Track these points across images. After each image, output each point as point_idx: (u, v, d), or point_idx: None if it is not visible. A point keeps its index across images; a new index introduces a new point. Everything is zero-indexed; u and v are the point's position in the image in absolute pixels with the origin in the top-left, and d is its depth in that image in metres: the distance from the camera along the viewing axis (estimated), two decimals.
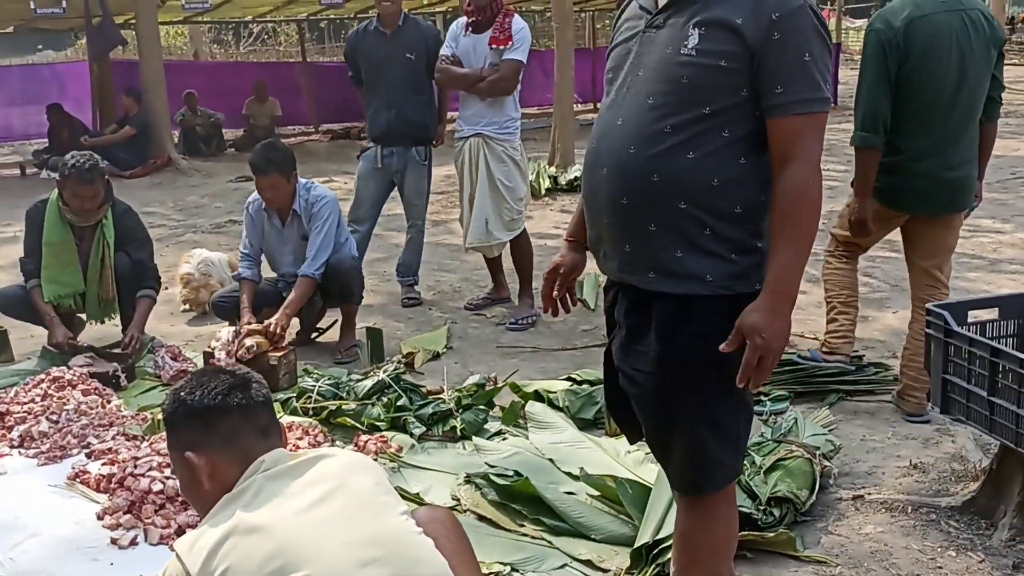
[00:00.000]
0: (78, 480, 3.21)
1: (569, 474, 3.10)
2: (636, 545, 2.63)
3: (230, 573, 1.61)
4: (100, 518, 2.95)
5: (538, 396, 3.76)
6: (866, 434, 3.51)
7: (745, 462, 2.75)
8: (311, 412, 3.69)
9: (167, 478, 3.03)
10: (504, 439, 3.47)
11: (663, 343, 1.95)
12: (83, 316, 4.69)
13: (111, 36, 12.71)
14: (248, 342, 4.07)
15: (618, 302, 2.08)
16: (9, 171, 11.99)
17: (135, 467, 3.11)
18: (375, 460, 3.00)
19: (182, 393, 1.86)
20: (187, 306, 5.41)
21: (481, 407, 3.65)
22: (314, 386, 3.83)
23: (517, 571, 2.62)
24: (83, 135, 11.71)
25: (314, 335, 4.87)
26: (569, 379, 3.91)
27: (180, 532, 2.83)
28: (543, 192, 8.74)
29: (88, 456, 3.39)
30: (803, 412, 3.50)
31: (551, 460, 3.20)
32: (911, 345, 3.61)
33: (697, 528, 2.08)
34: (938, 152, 3.48)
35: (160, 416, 3.57)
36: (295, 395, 3.84)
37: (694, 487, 2.04)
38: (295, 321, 4.67)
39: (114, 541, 2.83)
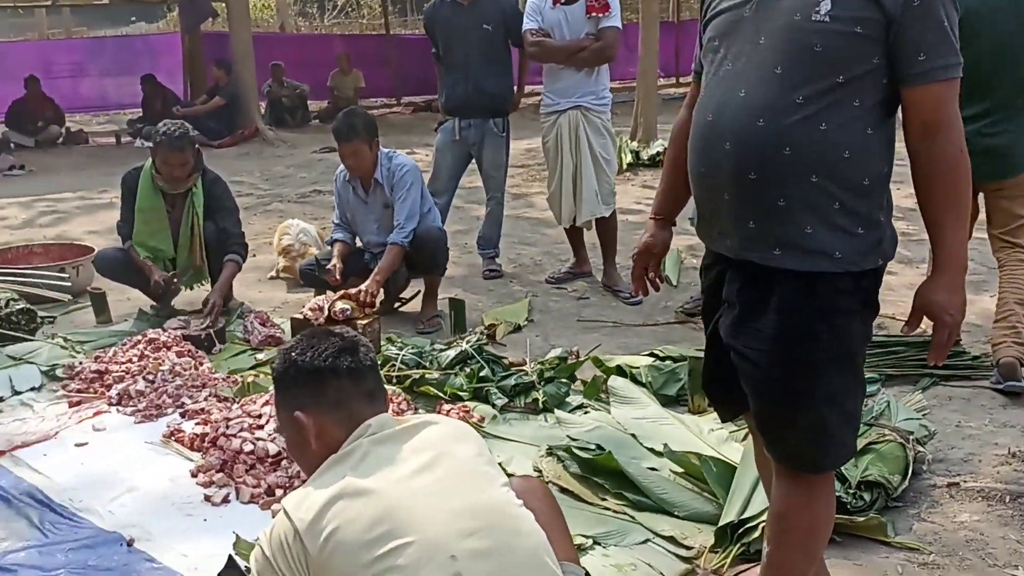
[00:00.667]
0: (173, 438, 3.32)
1: (652, 450, 3.07)
2: (721, 524, 2.60)
3: (338, 533, 1.63)
4: (194, 475, 3.05)
5: (620, 371, 3.73)
6: (962, 420, 3.40)
7: None
8: (395, 380, 3.74)
9: (257, 439, 3.12)
10: (586, 413, 3.45)
11: (785, 320, 1.90)
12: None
13: (202, 8, 13.03)
14: (340, 305, 4.15)
15: (727, 280, 2.02)
16: (105, 139, 12.41)
17: (227, 427, 3.21)
18: None
19: (293, 354, 1.86)
20: (288, 275, 5.48)
21: (563, 380, 3.65)
22: (398, 355, 3.88)
23: (599, 544, 2.61)
24: (175, 105, 12.04)
25: (397, 305, 4.92)
26: (652, 355, 3.87)
27: (270, 492, 2.91)
28: (624, 167, 8.67)
29: (182, 415, 3.50)
30: (895, 396, 3.40)
31: (633, 435, 3.18)
32: (999, 303, 3.71)
33: (798, 507, 2.04)
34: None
35: (250, 379, 3.71)
36: (379, 363, 3.88)
37: (813, 465, 2.00)
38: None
39: (207, 498, 2.92)
